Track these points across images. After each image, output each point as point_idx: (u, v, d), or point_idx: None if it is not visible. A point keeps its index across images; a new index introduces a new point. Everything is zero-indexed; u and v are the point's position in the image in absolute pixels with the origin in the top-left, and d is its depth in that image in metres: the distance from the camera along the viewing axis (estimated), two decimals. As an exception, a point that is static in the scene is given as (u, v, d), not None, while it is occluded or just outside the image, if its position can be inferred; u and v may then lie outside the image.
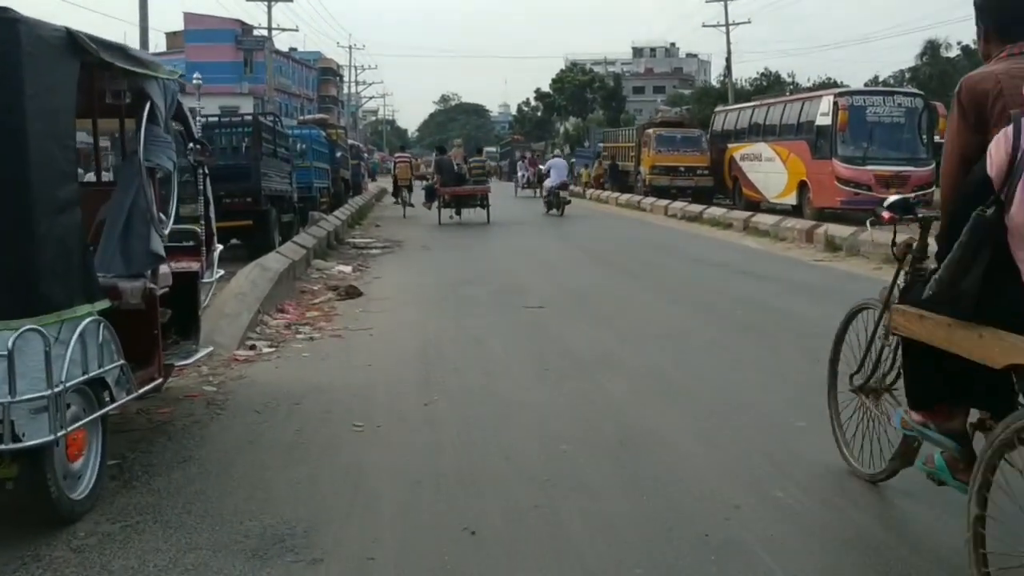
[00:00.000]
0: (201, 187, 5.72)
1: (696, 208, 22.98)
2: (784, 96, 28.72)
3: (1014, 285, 2.73)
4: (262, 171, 13.44)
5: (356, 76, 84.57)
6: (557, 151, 42.25)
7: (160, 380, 4.62)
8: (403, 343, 7.29)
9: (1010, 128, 2.76)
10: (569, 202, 25.03)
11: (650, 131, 31.92)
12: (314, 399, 5.57)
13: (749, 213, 19.75)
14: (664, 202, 25.71)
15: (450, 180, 21.52)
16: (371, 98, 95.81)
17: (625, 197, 30.17)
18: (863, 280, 11.30)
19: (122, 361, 4.03)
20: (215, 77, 65.61)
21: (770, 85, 60.75)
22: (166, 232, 4.81)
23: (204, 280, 5.66)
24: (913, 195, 20.72)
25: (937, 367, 3.14)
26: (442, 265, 12.89)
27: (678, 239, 17.39)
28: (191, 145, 5.54)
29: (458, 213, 21.46)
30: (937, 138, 22.36)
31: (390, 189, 30.32)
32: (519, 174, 36.78)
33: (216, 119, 14.77)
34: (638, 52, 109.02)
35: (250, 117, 13.65)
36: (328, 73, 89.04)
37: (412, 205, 25.57)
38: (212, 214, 5.90)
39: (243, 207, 13.24)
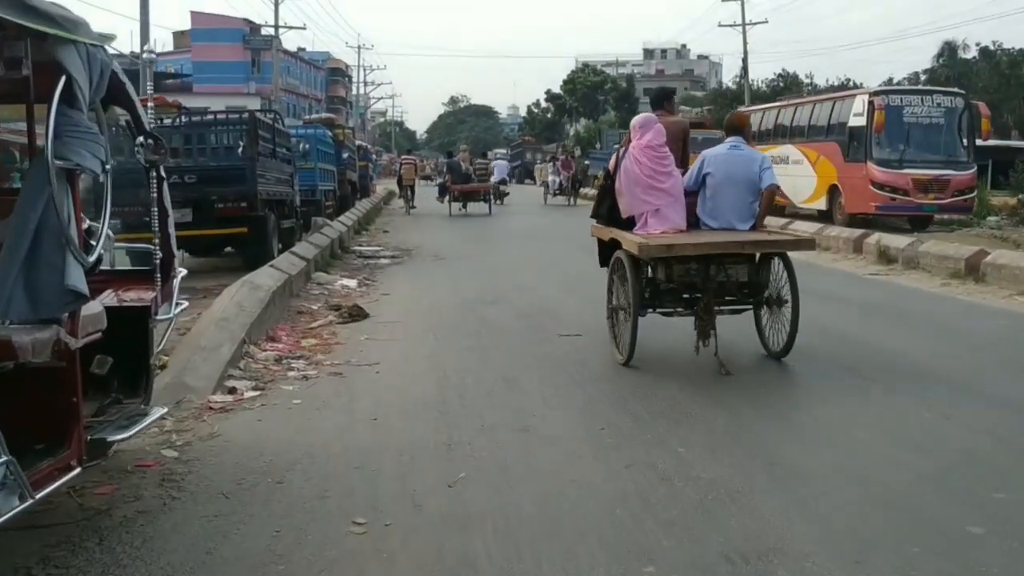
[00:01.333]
0: (156, 195, 4.35)
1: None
2: (812, 96, 27.29)
3: (616, 211, 6.87)
4: (259, 173, 12.14)
5: (365, 76, 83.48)
6: (500, 151, 44.83)
7: (77, 470, 3.29)
8: (417, 385, 5.95)
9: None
10: (507, 194, 31.15)
11: (670, 132, 30.58)
12: (303, 473, 4.25)
13: (786, 220, 18.38)
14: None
15: (458, 179, 25.21)
16: (380, 99, 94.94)
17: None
18: (937, 299, 9.96)
19: (6, 457, 2.71)
20: (222, 77, 64.88)
21: (787, 86, 59.60)
22: (92, 259, 3.48)
23: (159, 317, 4.32)
24: (950, 200, 19.77)
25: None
26: (458, 279, 11.56)
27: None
28: (140, 140, 4.18)
29: (464, 206, 25.18)
30: (979, 140, 21.18)
31: (397, 191, 32.07)
32: (550, 179, 31.81)
33: (208, 116, 13.47)
34: (649, 53, 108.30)
35: (245, 114, 12.33)
36: (337, 74, 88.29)
37: (415, 207, 27.29)
38: (172, 229, 4.55)
39: (237, 212, 11.95)
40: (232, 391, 5.78)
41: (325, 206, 21.29)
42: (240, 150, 12.08)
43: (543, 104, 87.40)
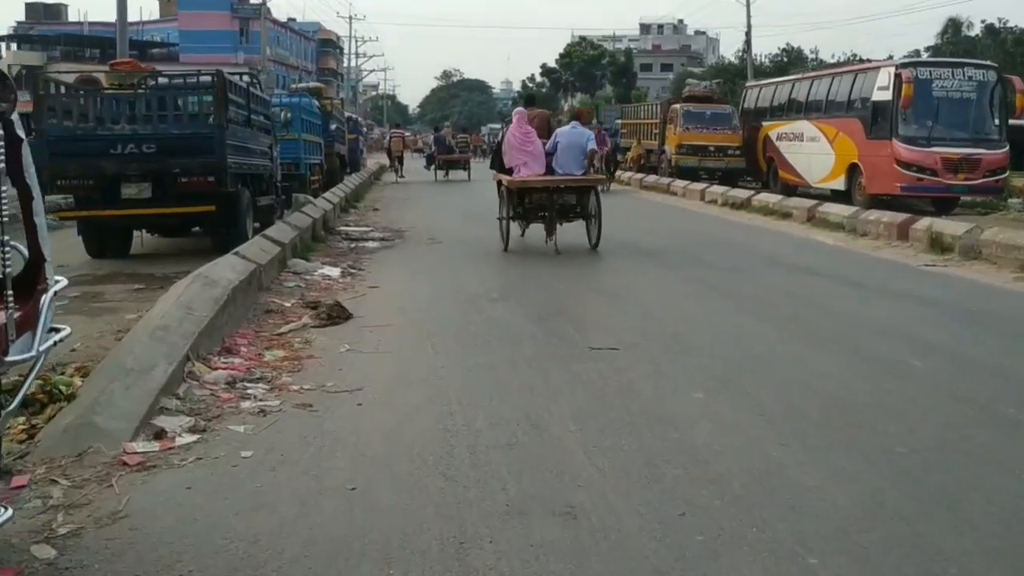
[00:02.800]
0: (6, 164, 2.76)
1: (742, 193, 20.08)
2: (821, 69, 25.65)
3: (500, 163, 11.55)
4: (229, 142, 10.52)
5: (356, 48, 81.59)
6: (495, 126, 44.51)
7: None
8: (411, 428, 4.41)
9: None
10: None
11: (677, 107, 28.99)
12: (237, 601, 2.73)
13: (814, 202, 16.84)
14: (699, 185, 22.84)
15: (443, 150, 30.89)
16: (371, 71, 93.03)
17: (652, 179, 27.26)
18: (1011, 295, 8.48)
19: None
20: (209, 47, 62.85)
21: (791, 61, 57.95)
22: None
23: (11, 358, 2.74)
24: (981, 180, 18.36)
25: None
26: (457, 267, 10.00)
27: (734, 232, 14.49)
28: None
29: (447, 173, 30.42)
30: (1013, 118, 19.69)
31: (386, 163, 34.77)
32: None
33: (166, 78, 11.80)
34: (645, 29, 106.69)
35: (212, 76, 10.67)
36: (328, 45, 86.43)
37: (403, 176, 30.84)
38: (41, 218, 2.96)
39: (203, 187, 10.37)
40: (160, 435, 4.24)
41: (310, 181, 19.68)
42: (205, 117, 10.44)
43: (538, 79, 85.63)
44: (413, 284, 8.81)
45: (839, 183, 20.40)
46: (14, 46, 62.44)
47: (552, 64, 79.20)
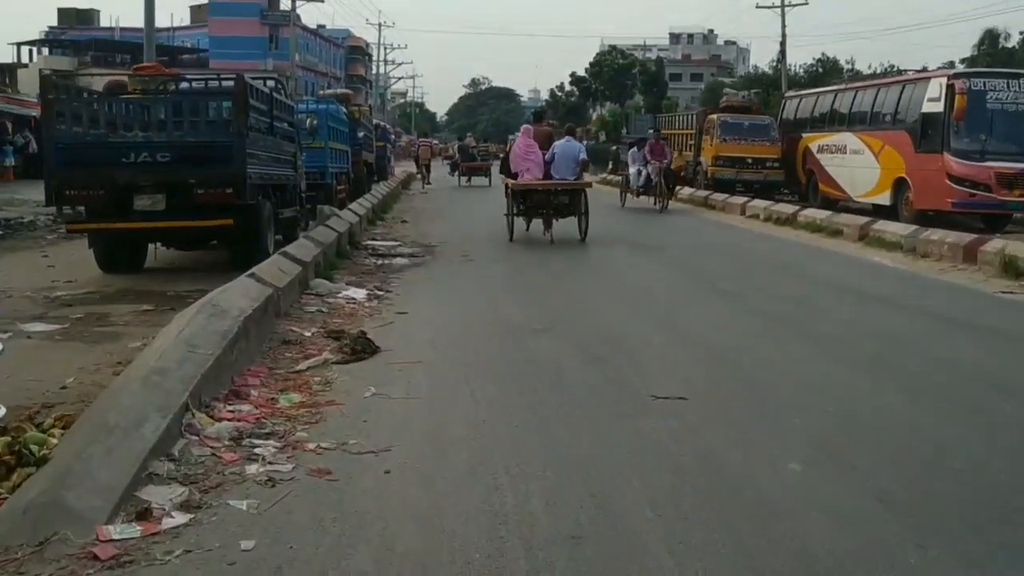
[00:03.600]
0: None
1: (787, 208, 19.16)
2: (873, 79, 24.65)
3: (508, 169, 14.30)
4: (249, 151, 9.79)
5: (385, 55, 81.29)
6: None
7: None
8: (451, 509, 3.57)
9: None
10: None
11: (713, 117, 28.09)
12: None
13: (866, 219, 15.90)
14: (739, 199, 21.92)
15: (466, 158, 33.44)
16: (400, 79, 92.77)
17: (687, 191, 26.35)
18: None
19: None
20: (239, 53, 62.67)
21: (826, 71, 56.75)
22: None
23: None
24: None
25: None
26: (494, 290, 9.19)
27: (786, 252, 13.57)
28: None
29: (469, 179, 32.53)
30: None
31: (414, 171, 36.18)
32: (632, 170, 22.16)
33: (187, 82, 11.11)
34: (675, 38, 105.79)
35: (232, 80, 9.96)
36: (357, 52, 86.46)
37: (431, 183, 32.91)
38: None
39: (221, 199, 9.64)
40: (145, 515, 3.45)
41: (336, 191, 19.00)
42: (224, 124, 9.73)
43: (567, 87, 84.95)
44: (445, 310, 8.00)
45: (884, 198, 19.53)
46: (45, 51, 62.54)
47: (582, 73, 78.36)
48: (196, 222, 9.67)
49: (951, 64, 52.47)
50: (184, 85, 11.08)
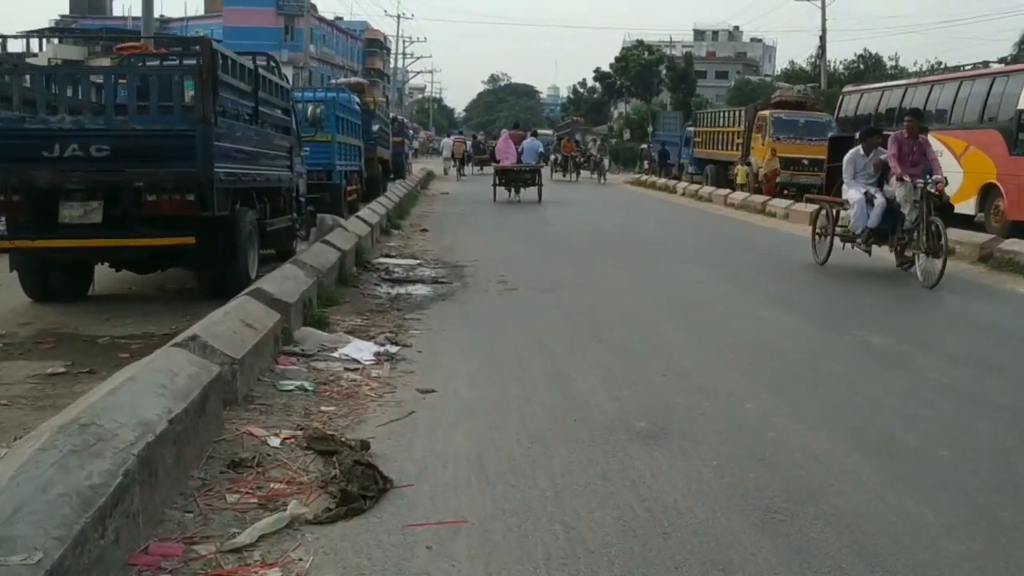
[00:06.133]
0: None
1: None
2: (954, 71, 21.85)
3: (494, 158, 26.59)
4: (218, 145, 7.18)
5: (404, 48, 78.89)
6: (544, 132, 44.25)
7: None
8: None
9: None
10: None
11: (766, 113, 25.50)
12: None
13: (986, 236, 13.19)
14: (808, 207, 19.20)
15: (478, 152, 38.20)
16: (418, 73, 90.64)
17: (740, 196, 23.65)
18: None
19: None
20: (253, 43, 60.24)
21: (867, 68, 53.96)
22: None
23: None
24: None
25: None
26: (554, 344, 6.49)
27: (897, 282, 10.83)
28: None
29: (481, 169, 36.13)
30: None
31: (437, 170, 38.58)
32: (855, 198, 10.75)
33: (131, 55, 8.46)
34: (699, 35, 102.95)
35: (197, 48, 7.30)
36: (375, 45, 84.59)
37: (464, 175, 37.20)
38: None
39: (179, 209, 7.04)
40: None
41: (346, 192, 16.40)
42: (183, 108, 7.12)
43: (590, 83, 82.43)
44: (490, 385, 5.31)
45: (967, 205, 16.99)
46: (55, 40, 60.38)
47: (606, 68, 75.63)
48: (144, 240, 7.06)
49: (985, 64, 49.39)
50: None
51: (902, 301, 8.86)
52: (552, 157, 37.49)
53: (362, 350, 5.88)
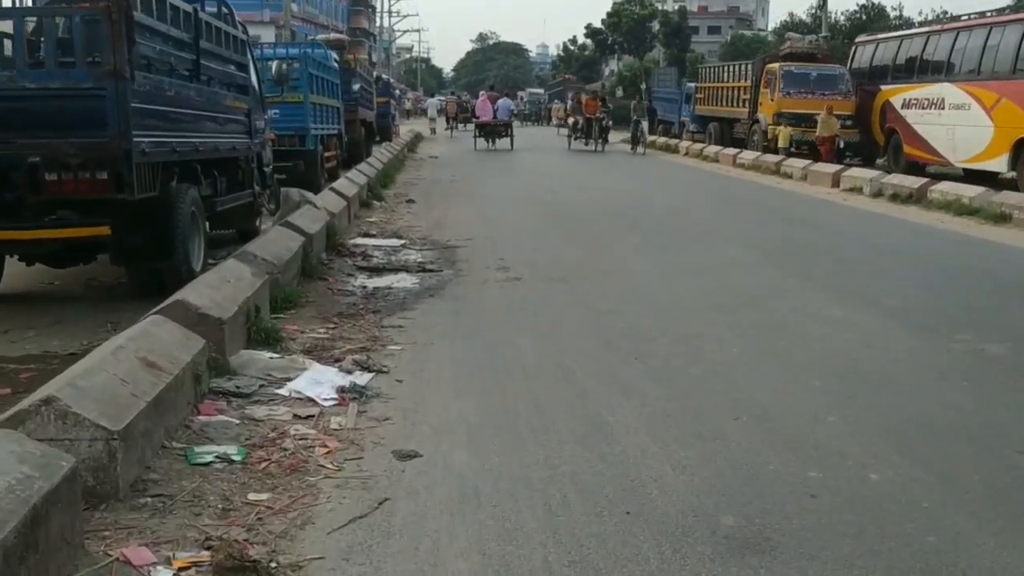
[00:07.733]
0: None
1: (907, 181, 14.93)
2: (983, 17, 20.13)
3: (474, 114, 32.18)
4: (136, 106, 5.55)
5: (390, 6, 76.62)
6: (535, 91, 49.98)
7: None
8: None
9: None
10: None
11: (775, 66, 23.74)
12: None
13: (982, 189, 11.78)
14: (828, 168, 17.71)
15: (461, 112, 40.22)
16: (405, 32, 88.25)
17: (750, 156, 22.03)
18: None
19: None
20: (233, 3, 58.28)
21: (870, 19, 52.07)
22: None
23: None
24: None
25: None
26: (571, 358, 4.93)
27: (951, 252, 9.30)
28: None
29: (464, 126, 37.62)
30: None
31: (427, 131, 40.71)
32: None
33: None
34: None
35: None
36: (360, 3, 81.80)
37: (457, 128, 39.42)
38: None
39: (88, 190, 5.44)
40: None
41: (324, 159, 14.73)
42: (89, 62, 5.48)
43: (581, 40, 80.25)
44: (497, 445, 3.74)
45: (999, 163, 15.71)
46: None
47: (598, 24, 73.50)
48: (44, 233, 5.45)
49: (981, 15, 47.64)
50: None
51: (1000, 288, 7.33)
52: (571, 120, 29.90)
53: (320, 382, 4.32)
